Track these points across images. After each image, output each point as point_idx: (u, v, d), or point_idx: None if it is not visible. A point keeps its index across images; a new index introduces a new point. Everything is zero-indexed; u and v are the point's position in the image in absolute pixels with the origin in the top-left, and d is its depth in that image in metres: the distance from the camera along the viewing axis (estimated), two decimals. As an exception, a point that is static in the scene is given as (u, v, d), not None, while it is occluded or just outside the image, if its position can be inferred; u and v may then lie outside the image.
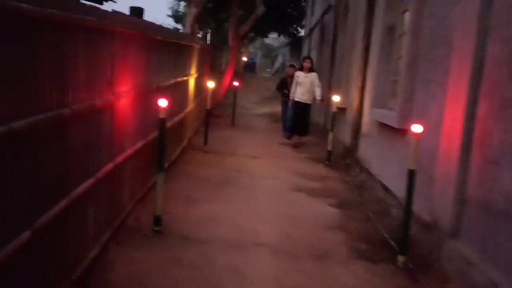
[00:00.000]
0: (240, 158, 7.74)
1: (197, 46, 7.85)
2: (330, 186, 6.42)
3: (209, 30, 13.38)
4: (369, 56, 7.40)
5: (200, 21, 10.88)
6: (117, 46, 3.49)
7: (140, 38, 4.18)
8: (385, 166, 5.78)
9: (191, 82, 7.72)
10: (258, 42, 42.80)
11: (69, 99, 2.63)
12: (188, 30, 9.33)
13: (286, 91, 10.15)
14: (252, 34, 26.03)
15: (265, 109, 16.83)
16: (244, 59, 27.34)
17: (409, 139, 4.84)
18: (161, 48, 5.03)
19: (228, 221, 4.51)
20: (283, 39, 43.09)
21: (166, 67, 5.41)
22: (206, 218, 4.51)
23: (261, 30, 24.37)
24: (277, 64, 40.02)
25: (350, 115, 8.22)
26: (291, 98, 9.28)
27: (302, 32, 26.81)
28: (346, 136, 8.46)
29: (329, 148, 7.93)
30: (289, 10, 25.06)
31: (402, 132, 5.10)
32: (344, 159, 8.00)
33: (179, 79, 6.25)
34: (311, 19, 19.81)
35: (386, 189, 5.60)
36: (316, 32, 16.51)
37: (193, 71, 7.79)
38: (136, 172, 4.38)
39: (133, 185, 4.29)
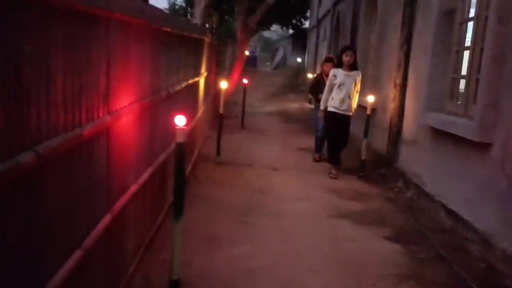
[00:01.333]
0: (259, 170, 6.60)
1: (207, 40, 6.68)
2: (374, 207, 5.29)
3: (214, 22, 12.21)
4: (412, 48, 6.25)
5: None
6: (114, 41, 2.34)
7: (146, 30, 3.03)
8: (450, 186, 4.65)
9: (201, 82, 6.57)
10: (256, 36, 41.64)
11: (32, 135, 1.49)
12: (197, 21, 8.06)
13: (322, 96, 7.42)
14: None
15: (273, 107, 15.67)
16: (246, 53, 26.16)
17: (496, 157, 3.71)
18: (171, 43, 3.87)
19: (267, 274, 3.38)
20: (282, 32, 42.05)
21: (177, 67, 4.26)
22: (238, 271, 3.38)
23: (264, 22, 23.12)
24: (277, 58, 38.83)
25: (385, 117, 7.08)
26: (322, 107, 6.67)
27: (306, 24, 25.62)
28: (379, 142, 7.32)
29: (363, 157, 6.78)
30: (293, 1, 23.82)
31: (482, 146, 3.97)
32: (379, 169, 6.87)
33: (191, 81, 5.10)
34: (318, 10, 18.63)
35: (452, 214, 4.48)
36: (327, 23, 15.35)
37: (204, 69, 6.64)
38: (143, 212, 3.24)
39: (138, 229, 3.15)
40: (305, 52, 25.41)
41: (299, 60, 27.47)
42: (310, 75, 17.71)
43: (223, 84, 6.54)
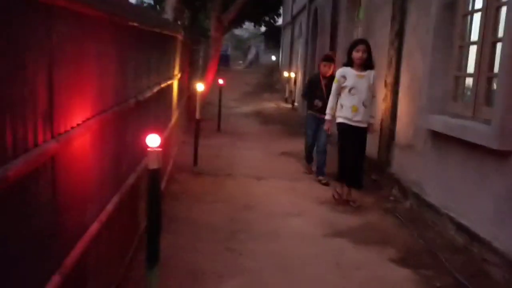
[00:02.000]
0: (242, 180, 5.98)
1: (180, 38, 6.02)
2: (373, 221, 4.75)
3: (186, 20, 11.48)
4: (404, 44, 5.75)
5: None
6: (60, 37, 1.69)
7: (107, 24, 2.37)
8: (460, 197, 4.15)
9: (175, 85, 5.90)
10: (227, 34, 40.91)
11: None
12: (169, 16, 7.29)
13: (318, 102, 6.14)
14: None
15: (248, 107, 15.09)
16: (218, 51, 25.44)
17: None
18: (140, 41, 3.21)
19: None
20: (253, 30, 41.43)
21: (148, 70, 3.60)
22: (229, 318, 2.76)
23: (236, 19, 22.46)
24: (250, 56, 38.22)
25: (375, 119, 6.57)
26: (328, 116, 5.31)
27: (279, 21, 25.07)
28: (368, 145, 6.80)
29: (353, 162, 6.26)
30: (265, -2, 23.22)
31: (502, 154, 3.48)
32: (369, 175, 6.36)
33: (163, 85, 4.43)
34: (292, 6, 18.12)
35: (465, 230, 3.98)
36: (302, 19, 14.84)
37: (177, 70, 5.98)
38: (108, 253, 2.58)
39: (102, 278, 2.50)
40: (279, 50, 24.89)
41: (273, 58, 26.93)
42: (286, 74, 17.20)
43: (199, 86, 5.89)
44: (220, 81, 9.94)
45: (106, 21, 2.38)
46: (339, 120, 5.21)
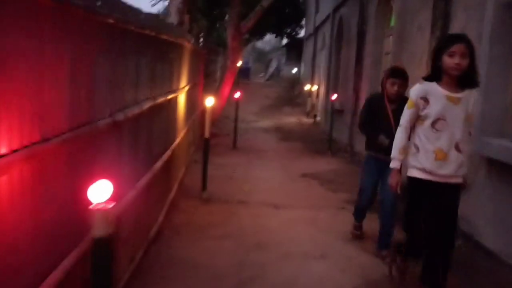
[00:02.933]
0: (256, 209, 5.20)
1: (188, 45, 5.32)
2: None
3: (202, 30, 10.88)
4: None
5: (191, 19, 8.37)
6: None
7: (58, 15, 1.65)
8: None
9: (181, 98, 5.19)
10: (248, 46, 40.56)
11: None
12: (173, 19, 6.60)
13: (384, 139, 3.96)
14: (246, 36, 23.56)
15: (268, 122, 14.34)
16: (238, 64, 24.89)
17: None
18: (116, 42, 2.49)
19: None
20: (275, 43, 40.88)
21: (134, 80, 2.87)
22: None
23: (256, 31, 21.89)
24: (271, 69, 37.58)
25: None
26: (394, 164, 3.19)
27: (301, 33, 24.41)
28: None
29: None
30: (287, 10, 22.61)
31: None
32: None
33: (160, 99, 3.70)
34: (315, 17, 17.41)
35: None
36: (326, 29, 14.09)
37: (184, 82, 5.27)
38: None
39: None
40: (300, 62, 24.17)
41: (294, 70, 26.21)
42: (308, 87, 16.43)
43: (209, 101, 5.16)
44: (237, 95, 9.22)
45: (68, 13, 1.65)
46: (412, 172, 3.10)
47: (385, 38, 7.67)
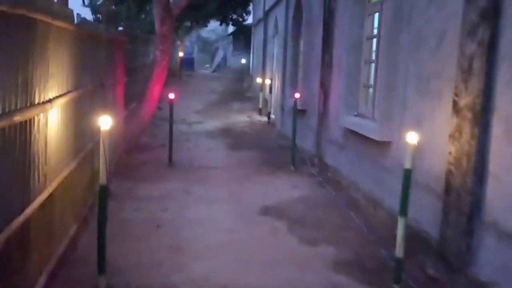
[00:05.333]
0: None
1: (62, 25, 3.02)
2: None
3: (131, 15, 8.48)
4: (501, 33, 2.98)
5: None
6: None
7: None
8: None
9: (54, 118, 2.92)
10: (193, 36, 37.95)
11: None
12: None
13: None
14: (188, 24, 21.09)
15: (214, 123, 12.13)
16: (181, 54, 22.38)
17: None
18: None
19: None
20: (221, 32, 38.50)
21: None
22: None
23: (199, 17, 19.51)
24: (217, 59, 35.27)
25: (434, 170, 3.78)
26: None
27: (249, 20, 22.24)
28: (423, 220, 3.93)
29: (399, 244, 3.37)
30: (232, -7, 20.33)
31: None
32: (425, 263, 3.57)
33: None
34: (265, 0, 15.26)
35: None
36: (279, 12, 12.01)
37: (62, 87, 3.01)
38: None
39: None
40: (250, 52, 22.03)
41: (243, 61, 24.04)
42: (259, 80, 14.35)
43: (104, 123, 2.92)
44: (171, 95, 6.96)
45: None
46: None
47: (366, 17, 5.68)
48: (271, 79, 12.93)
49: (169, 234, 4.25)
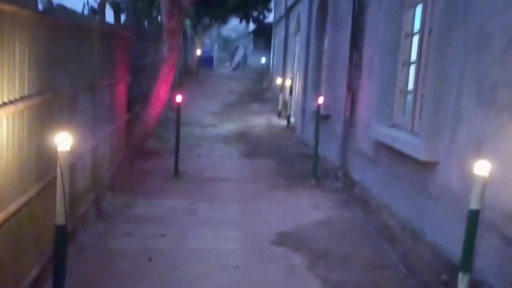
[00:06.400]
0: None
1: (29, 15, 2.27)
2: None
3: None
4: None
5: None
6: None
7: None
8: None
9: (14, 124, 2.17)
10: (213, 34, 37.35)
11: None
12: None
13: None
14: (207, 20, 20.39)
15: (230, 126, 11.34)
16: (198, 52, 21.70)
17: None
18: None
19: None
20: (241, 30, 37.78)
21: None
22: None
23: (218, 15, 18.79)
24: (237, 58, 34.50)
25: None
26: None
27: (270, 18, 21.40)
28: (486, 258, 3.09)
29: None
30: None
31: None
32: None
33: None
34: (286, -4, 14.40)
35: None
36: (301, 9, 11.17)
37: (14, 89, 2.26)
38: None
39: None
40: (270, 51, 21.18)
41: (262, 60, 23.19)
42: (279, 80, 13.52)
43: (63, 141, 2.16)
44: (178, 98, 6.20)
45: None
46: None
47: (406, 10, 4.81)
48: (292, 80, 12.09)
49: (162, 272, 3.48)
